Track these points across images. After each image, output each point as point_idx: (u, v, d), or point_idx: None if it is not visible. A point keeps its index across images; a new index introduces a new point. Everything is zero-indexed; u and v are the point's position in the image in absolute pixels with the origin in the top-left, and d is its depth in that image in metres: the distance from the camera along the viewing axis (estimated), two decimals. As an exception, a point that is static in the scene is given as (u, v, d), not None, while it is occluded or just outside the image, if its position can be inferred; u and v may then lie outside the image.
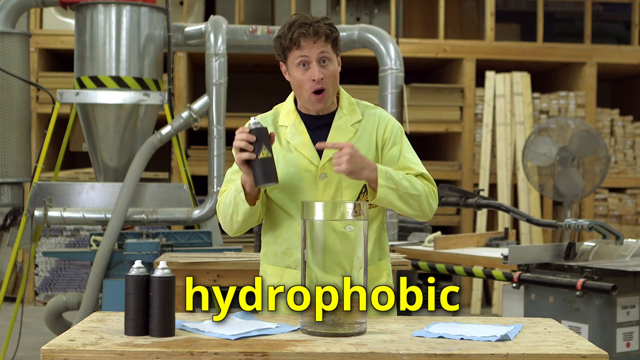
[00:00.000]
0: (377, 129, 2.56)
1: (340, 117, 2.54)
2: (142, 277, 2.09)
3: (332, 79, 2.49)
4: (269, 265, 2.61)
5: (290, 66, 2.49)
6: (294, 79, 2.49)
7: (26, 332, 6.29)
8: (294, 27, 2.46)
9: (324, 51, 2.46)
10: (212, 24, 5.67)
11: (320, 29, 2.45)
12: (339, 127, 2.53)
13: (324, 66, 2.47)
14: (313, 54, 2.45)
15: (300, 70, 2.47)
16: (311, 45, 2.45)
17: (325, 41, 2.46)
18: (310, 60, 2.46)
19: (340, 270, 2.22)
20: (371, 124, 2.57)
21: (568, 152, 6.92)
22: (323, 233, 2.20)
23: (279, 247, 2.56)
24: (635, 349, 4.06)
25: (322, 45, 2.46)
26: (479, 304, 8.19)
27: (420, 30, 9.08)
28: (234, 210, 2.45)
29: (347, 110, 2.56)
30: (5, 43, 5.44)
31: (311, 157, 2.50)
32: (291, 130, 2.53)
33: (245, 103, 9.28)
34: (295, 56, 2.46)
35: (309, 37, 2.44)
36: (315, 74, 2.45)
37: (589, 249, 4.37)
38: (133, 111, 5.45)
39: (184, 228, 6.20)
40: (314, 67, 2.45)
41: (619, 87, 10.17)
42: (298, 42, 2.44)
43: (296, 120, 2.54)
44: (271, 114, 2.61)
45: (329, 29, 2.47)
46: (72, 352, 1.92)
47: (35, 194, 5.39)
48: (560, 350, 1.97)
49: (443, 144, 9.04)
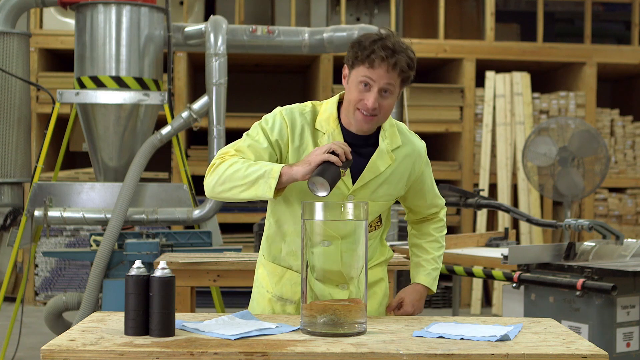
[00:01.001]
0: (414, 164, 2.52)
1: (383, 140, 2.46)
2: (142, 277, 2.09)
3: (386, 111, 2.39)
4: (269, 262, 2.56)
5: (353, 78, 2.38)
6: (350, 92, 2.39)
7: (26, 332, 6.29)
8: (376, 46, 2.33)
9: (391, 83, 2.35)
10: (212, 24, 5.67)
11: (400, 63, 2.34)
12: (382, 152, 2.44)
13: (384, 97, 2.36)
14: (380, 82, 2.34)
15: (359, 87, 2.36)
16: (383, 73, 2.33)
17: (397, 75, 2.35)
18: (374, 86, 2.34)
19: (341, 270, 2.22)
20: (409, 157, 2.51)
21: (568, 152, 6.92)
22: (323, 233, 2.20)
23: (285, 247, 2.51)
24: (635, 349, 4.06)
25: (392, 77, 2.34)
26: (479, 304, 8.19)
27: (420, 30, 9.08)
28: (247, 185, 2.29)
29: (389, 133, 2.48)
30: (5, 43, 5.44)
31: (345, 178, 2.41)
32: (329, 140, 2.41)
33: (245, 103, 9.28)
34: (361, 73, 2.35)
35: (384, 65, 2.33)
36: (371, 101, 2.34)
37: (589, 249, 4.37)
38: (133, 111, 5.45)
39: (184, 228, 6.20)
40: (374, 94, 2.34)
41: (619, 87, 10.17)
42: (372, 63, 2.33)
43: (336, 131, 2.42)
44: (309, 110, 2.46)
45: (407, 66, 2.36)
46: (72, 352, 1.92)
47: (35, 194, 5.39)
48: (560, 350, 1.97)
49: (443, 144, 9.04)
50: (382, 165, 2.44)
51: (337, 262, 2.24)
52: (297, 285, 2.49)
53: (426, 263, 2.63)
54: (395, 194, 2.52)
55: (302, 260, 2.19)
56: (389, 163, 2.45)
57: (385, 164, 2.44)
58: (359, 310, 2.14)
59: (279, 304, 2.53)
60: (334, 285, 2.27)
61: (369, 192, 2.44)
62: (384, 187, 2.46)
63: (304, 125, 2.43)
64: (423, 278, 2.62)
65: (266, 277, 2.57)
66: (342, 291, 2.27)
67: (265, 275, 2.57)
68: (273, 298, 2.54)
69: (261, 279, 2.59)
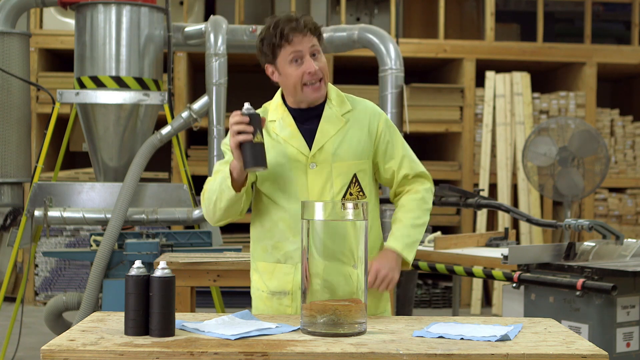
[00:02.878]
0: (369, 121, 2.59)
1: (330, 108, 2.57)
2: (142, 277, 2.09)
3: (325, 70, 2.53)
4: (260, 262, 2.60)
5: (282, 64, 2.50)
6: (287, 76, 2.51)
7: (26, 332, 6.29)
8: (281, 23, 2.47)
9: (314, 45, 2.51)
10: (212, 24, 5.67)
11: (307, 22, 2.48)
12: (329, 117, 2.56)
13: (316, 59, 2.51)
14: (305, 48, 2.48)
15: (293, 66, 2.49)
16: (302, 40, 2.48)
17: (312, 34, 2.50)
18: (304, 54, 2.48)
19: (341, 269, 2.22)
20: (363, 115, 2.60)
21: (568, 152, 6.92)
22: (323, 233, 2.19)
23: (269, 242, 2.56)
24: (635, 349, 4.06)
25: (311, 39, 2.50)
26: (479, 304, 8.19)
27: (420, 30, 9.09)
28: (218, 197, 2.46)
29: (336, 102, 2.59)
30: (5, 43, 5.44)
31: (300, 146, 2.52)
32: (280, 124, 2.56)
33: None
34: (287, 52, 2.48)
35: (299, 32, 2.47)
36: (312, 66, 2.48)
37: (589, 249, 4.37)
38: (133, 111, 5.45)
39: (184, 228, 6.20)
40: (309, 60, 2.48)
41: (619, 87, 10.17)
42: (288, 38, 2.46)
43: (284, 114, 2.57)
44: (260, 111, 2.61)
45: (313, 24, 2.51)
46: (72, 352, 1.92)
47: (35, 194, 5.39)
48: (560, 350, 1.97)
49: (443, 144, 9.04)
50: (332, 128, 2.54)
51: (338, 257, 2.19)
52: (288, 275, 2.53)
53: (397, 230, 2.58)
54: (359, 153, 2.55)
55: (302, 259, 2.19)
56: (339, 125, 2.55)
57: (336, 127, 2.54)
58: (359, 310, 2.14)
59: (275, 299, 2.55)
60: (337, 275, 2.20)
61: (329, 154, 2.51)
62: (343, 147, 2.53)
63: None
64: (392, 243, 2.55)
65: (258, 278, 2.61)
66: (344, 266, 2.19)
67: (258, 277, 2.61)
68: (268, 295, 2.57)
69: (255, 282, 2.63)
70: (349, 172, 2.53)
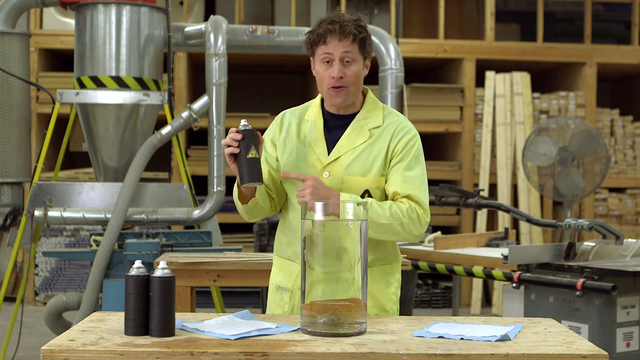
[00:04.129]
0: (391, 139, 2.53)
1: (360, 120, 2.55)
2: (142, 277, 2.09)
3: (354, 79, 2.49)
4: (276, 257, 2.68)
5: (316, 61, 2.53)
6: (317, 74, 2.53)
7: (26, 332, 6.29)
8: (324, 23, 2.49)
9: (348, 51, 2.47)
10: (212, 24, 5.67)
11: (347, 28, 2.46)
12: (356, 128, 2.54)
13: (347, 66, 2.48)
14: (337, 52, 2.47)
15: (323, 67, 2.50)
16: (336, 43, 2.47)
17: (352, 42, 2.47)
18: (334, 58, 2.47)
19: (341, 269, 2.21)
20: (387, 132, 2.54)
21: (568, 152, 6.92)
22: (323, 233, 2.19)
23: (285, 237, 2.62)
24: (635, 349, 4.06)
25: (347, 45, 2.47)
26: (479, 304, 8.19)
27: (420, 30, 9.08)
28: (236, 205, 2.57)
29: (370, 114, 2.56)
30: (5, 43, 5.44)
31: (320, 153, 2.53)
32: (310, 126, 2.57)
33: (245, 103, 9.28)
34: (321, 52, 2.49)
35: (335, 35, 2.46)
36: (335, 71, 2.47)
37: (589, 249, 4.37)
38: (133, 111, 5.46)
39: (184, 228, 6.20)
40: (336, 64, 2.47)
41: (619, 87, 10.17)
42: (324, 38, 2.47)
43: (317, 117, 2.58)
44: (301, 107, 2.65)
45: (356, 30, 2.48)
46: (72, 352, 1.92)
47: (35, 194, 5.39)
48: (560, 350, 1.97)
49: (443, 144, 9.04)
50: (357, 139, 2.52)
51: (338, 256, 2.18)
52: (293, 273, 2.58)
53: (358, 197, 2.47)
54: (373, 170, 2.49)
55: (302, 259, 2.19)
56: (363, 139, 2.52)
57: (361, 139, 2.52)
58: (359, 310, 2.14)
59: (277, 294, 2.63)
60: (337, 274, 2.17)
61: (342, 167, 2.50)
62: (357, 162, 2.50)
63: (291, 120, 2.61)
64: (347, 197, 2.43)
65: (273, 270, 2.69)
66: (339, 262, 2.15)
67: (273, 269, 2.69)
68: (274, 288, 2.66)
69: (271, 275, 2.71)
70: (359, 187, 2.50)
